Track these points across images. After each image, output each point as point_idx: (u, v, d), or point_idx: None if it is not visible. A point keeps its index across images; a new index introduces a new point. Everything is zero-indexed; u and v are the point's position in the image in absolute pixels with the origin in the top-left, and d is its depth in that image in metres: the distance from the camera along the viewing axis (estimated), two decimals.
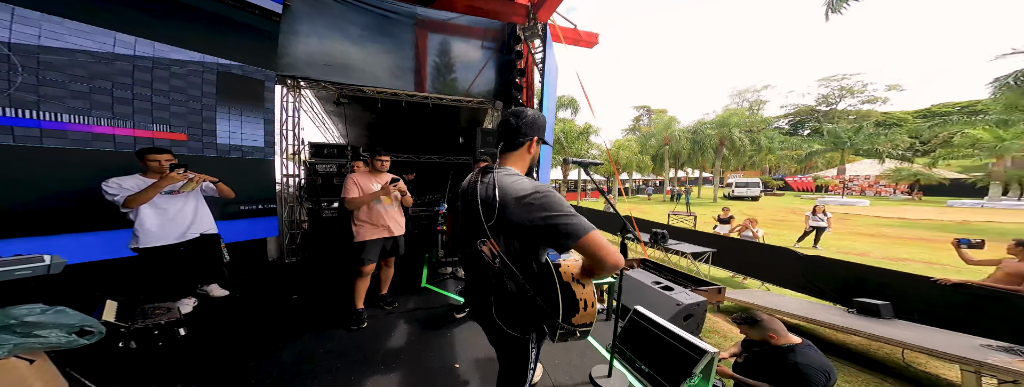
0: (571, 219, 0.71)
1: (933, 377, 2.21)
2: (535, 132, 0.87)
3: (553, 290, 0.77)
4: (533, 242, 0.79)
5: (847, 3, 4.25)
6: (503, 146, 0.88)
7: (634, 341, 1.59)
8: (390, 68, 3.50)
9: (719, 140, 16.51)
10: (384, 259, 2.16)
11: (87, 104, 2.08)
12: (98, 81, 2.11)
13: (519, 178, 0.82)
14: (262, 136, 3.07)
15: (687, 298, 2.01)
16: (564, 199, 0.77)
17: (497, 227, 0.78)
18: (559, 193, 0.80)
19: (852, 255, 5.45)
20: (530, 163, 0.91)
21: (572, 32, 3.82)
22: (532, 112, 0.88)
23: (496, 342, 0.95)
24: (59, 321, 1.11)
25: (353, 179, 1.94)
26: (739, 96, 30.66)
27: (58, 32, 1.95)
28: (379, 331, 1.99)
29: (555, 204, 0.74)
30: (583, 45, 3.98)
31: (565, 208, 0.73)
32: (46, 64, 1.92)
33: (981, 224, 9.06)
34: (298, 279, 2.98)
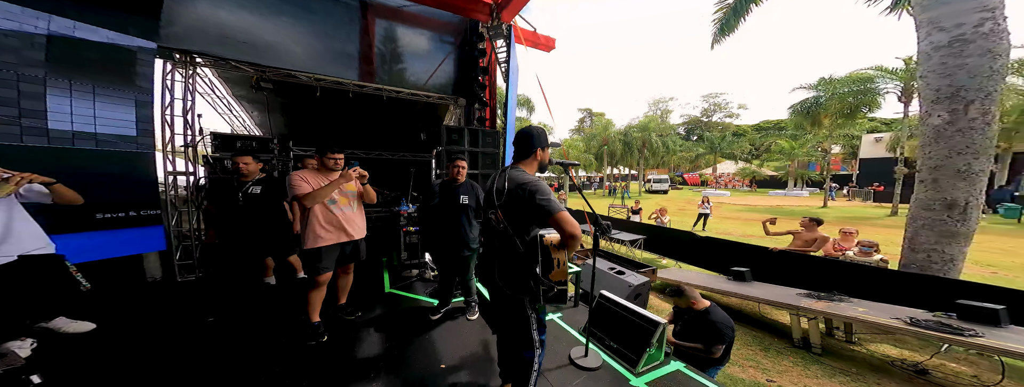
0: (549, 201, 1.05)
1: (779, 323, 3.01)
2: (540, 143, 1.21)
3: (535, 252, 1.09)
4: (525, 216, 1.09)
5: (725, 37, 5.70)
6: (519, 154, 1.20)
7: (603, 322, 1.86)
8: (330, 53, 3.06)
9: (642, 142, 20.03)
10: (342, 266, 1.94)
11: None
12: None
13: (524, 174, 1.15)
14: (134, 123, 2.31)
15: (636, 280, 2.48)
16: (549, 188, 1.10)
17: (505, 204, 1.11)
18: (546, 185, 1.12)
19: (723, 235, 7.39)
20: (539, 166, 1.24)
21: (532, 34, 3.97)
22: (538, 128, 1.23)
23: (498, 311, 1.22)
24: None
25: (300, 177, 1.69)
26: (654, 105, 37.23)
27: None
28: (346, 342, 1.80)
29: (541, 190, 1.07)
30: (542, 48, 4.16)
31: (548, 194, 1.07)
32: None
33: (790, 207, 13.54)
34: (205, 299, 2.38)
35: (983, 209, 3.39)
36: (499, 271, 1.16)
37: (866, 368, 2.33)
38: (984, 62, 2.65)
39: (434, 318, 2.09)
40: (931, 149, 2.90)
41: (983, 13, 2.61)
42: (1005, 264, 4.98)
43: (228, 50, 2.66)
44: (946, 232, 2.78)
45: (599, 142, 20.65)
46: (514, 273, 1.12)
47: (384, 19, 3.30)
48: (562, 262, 1.09)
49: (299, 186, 1.66)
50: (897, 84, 10.55)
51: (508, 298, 1.16)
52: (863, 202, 15.07)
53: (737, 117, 34.56)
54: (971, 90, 2.68)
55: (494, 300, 1.26)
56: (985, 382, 2.06)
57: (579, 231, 1.01)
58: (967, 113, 2.71)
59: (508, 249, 1.11)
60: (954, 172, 2.75)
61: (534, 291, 1.09)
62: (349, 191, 1.87)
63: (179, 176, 2.88)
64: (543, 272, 1.07)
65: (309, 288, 1.79)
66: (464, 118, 3.71)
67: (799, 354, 2.54)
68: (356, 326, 2.01)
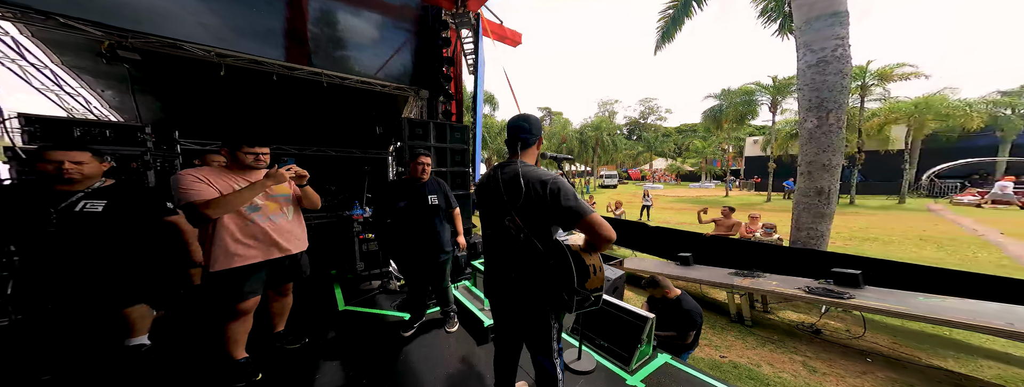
0: (578, 202, 0.93)
1: (718, 301, 3.43)
2: (539, 132, 1.08)
3: (566, 260, 0.93)
4: (547, 220, 0.96)
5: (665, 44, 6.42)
6: (521, 145, 1.05)
7: (592, 321, 1.84)
8: (240, 24, 2.35)
9: (595, 141, 21.87)
10: (276, 287, 1.52)
11: None
12: None
13: (535, 168, 1.02)
14: None
15: (612, 273, 2.53)
16: (572, 187, 0.97)
17: (523, 207, 0.96)
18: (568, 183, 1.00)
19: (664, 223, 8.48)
20: (536, 157, 1.10)
21: (499, 28, 3.78)
22: (534, 117, 1.09)
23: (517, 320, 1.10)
24: None
25: (194, 175, 1.21)
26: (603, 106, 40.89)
27: None
28: (290, 378, 1.44)
29: (565, 189, 0.94)
30: (508, 43, 4.02)
31: (574, 193, 0.94)
32: None
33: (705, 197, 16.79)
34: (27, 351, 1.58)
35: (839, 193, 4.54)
36: (520, 284, 1.01)
37: (783, 334, 2.88)
38: (838, 79, 3.53)
39: (407, 334, 1.81)
40: (806, 148, 3.74)
41: (837, 40, 3.45)
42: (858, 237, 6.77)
43: (64, 5, 1.78)
44: (818, 213, 3.64)
45: (559, 140, 21.86)
46: (540, 285, 0.98)
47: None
48: (598, 268, 0.95)
49: (196, 189, 1.19)
50: (768, 97, 13.66)
51: (528, 311, 1.03)
52: (748, 191, 19.62)
53: (665, 119, 40.19)
54: (830, 101, 3.54)
55: (504, 313, 1.13)
56: (854, 334, 2.70)
57: (614, 234, 0.89)
58: (829, 119, 3.55)
59: (530, 258, 0.96)
60: (821, 166, 3.61)
61: (567, 302, 0.95)
62: (280, 195, 1.44)
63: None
64: (578, 281, 0.92)
65: (227, 319, 1.33)
66: (427, 111, 3.31)
67: (736, 328, 3.00)
68: (302, 356, 1.61)
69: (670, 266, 3.86)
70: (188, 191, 1.18)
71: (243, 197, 1.24)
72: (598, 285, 0.96)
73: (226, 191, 1.24)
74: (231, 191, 1.24)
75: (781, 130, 14.24)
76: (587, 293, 0.94)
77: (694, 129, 31.81)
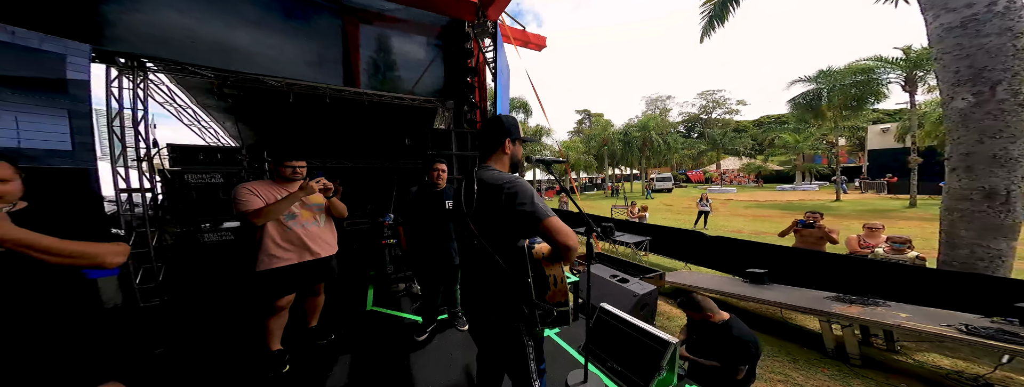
0: (534, 205, 0.85)
1: (807, 328, 2.77)
2: (506, 133, 0.98)
3: (524, 268, 0.88)
4: (505, 226, 0.90)
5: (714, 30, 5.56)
6: (486, 148, 1.00)
7: (604, 340, 1.64)
8: (305, 58, 2.88)
9: (643, 141, 20.06)
10: (309, 286, 1.74)
11: None
12: None
13: (496, 172, 0.94)
14: (68, 135, 2.08)
15: (641, 288, 2.25)
16: (532, 189, 0.89)
17: (476, 213, 0.91)
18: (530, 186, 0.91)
19: (733, 232, 7.21)
20: (511, 161, 1.02)
21: (521, 33, 3.88)
22: (502, 116, 1.03)
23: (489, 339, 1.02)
24: None
25: (249, 189, 1.47)
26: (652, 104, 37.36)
27: None
28: (312, 372, 1.61)
29: (522, 193, 0.86)
30: (532, 47, 4.08)
31: (530, 196, 0.86)
32: None
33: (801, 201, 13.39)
34: (162, 327, 2.16)
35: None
36: (483, 295, 0.96)
37: (918, 382, 2.10)
38: (1004, 41, 2.50)
39: (420, 338, 1.88)
40: (959, 134, 2.73)
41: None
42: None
43: (179, 53, 2.44)
44: (988, 225, 2.58)
45: (599, 143, 20.77)
46: (501, 297, 0.92)
47: (365, 23, 3.14)
48: (560, 279, 0.89)
49: (247, 200, 1.43)
50: (900, 73, 10.48)
51: (497, 326, 0.96)
52: (877, 194, 14.96)
53: (737, 113, 34.82)
54: (995, 70, 2.53)
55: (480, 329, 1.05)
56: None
57: (574, 240, 0.84)
58: (995, 94, 2.54)
59: (489, 268, 0.91)
60: (989, 158, 2.57)
61: (529, 317, 0.89)
62: (314, 204, 1.66)
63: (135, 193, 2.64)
64: (537, 293, 0.88)
65: (266, 315, 1.56)
66: (453, 121, 3.53)
67: (834, 366, 2.31)
68: (327, 352, 1.79)
69: (735, 283, 3.20)
70: (242, 202, 1.42)
71: (281, 207, 1.46)
72: (561, 299, 0.89)
73: (270, 201, 1.48)
74: (273, 201, 1.47)
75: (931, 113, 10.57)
76: (549, 306, 0.88)
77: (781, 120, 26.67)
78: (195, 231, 2.71)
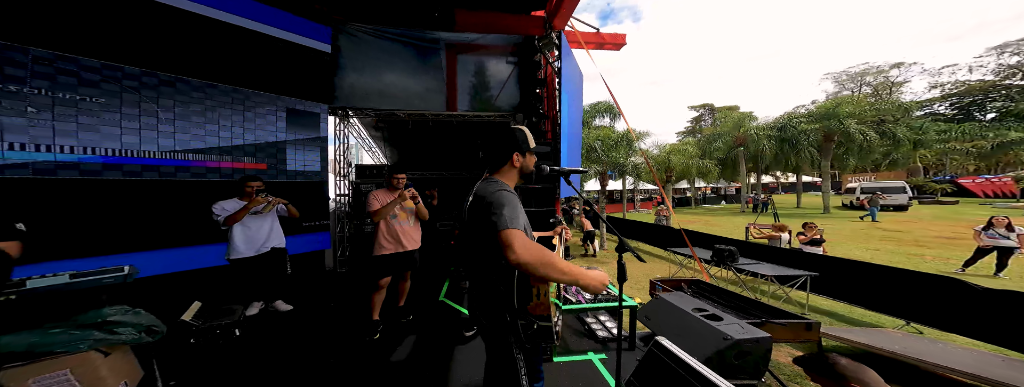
0: (499, 216, 0.85)
1: None
2: (514, 147, 1.01)
3: (510, 278, 0.89)
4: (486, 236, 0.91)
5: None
6: (491, 162, 1.04)
7: (653, 380, 1.31)
8: (420, 91, 4.02)
9: (824, 136, 13.35)
10: (400, 273, 2.36)
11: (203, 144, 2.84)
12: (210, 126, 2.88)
13: (493, 184, 0.97)
14: (318, 161, 3.73)
15: (741, 332, 1.58)
16: (511, 201, 0.90)
17: (469, 224, 0.97)
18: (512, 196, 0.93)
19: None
20: (521, 174, 1.05)
21: (594, 36, 3.83)
22: (512, 129, 1.05)
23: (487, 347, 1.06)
24: (135, 321, 1.44)
25: (374, 195, 2.23)
26: (853, 80, 24.78)
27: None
28: (388, 344, 2.15)
29: (495, 203, 0.88)
30: (609, 48, 3.95)
31: (501, 207, 0.87)
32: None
33: None
34: (341, 288, 3.42)
35: None
36: (478, 305, 1.02)
37: None
38: None
39: (468, 334, 2.17)
40: None
41: None
42: None
43: (365, 101, 3.95)
44: None
45: (729, 143, 15.56)
46: (488, 305, 0.96)
47: (461, 54, 4.04)
48: (544, 293, 0.88)
49: (370, 204, 2.19)
50: None
51: (488, 337, 1.02)
52: None
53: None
54: None
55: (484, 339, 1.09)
56: None
57: (530, 257, 0.80)
58: None
59: (479, 276, 0.99)
60: None
61: (512, 326, 0.91)
62: (408, 208, 2.28)
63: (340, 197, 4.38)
64: (519, 303, 0.88)
65: (372, 290, 2.25)
66: None
67: None
68: (405, 329, 2.34)
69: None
70: (367, 205, 2.17)
71: (388, 210, 2.14)
72: (543, 312, 0.87)
73: (385, 204, 2.18)
74: (383, 205, 2.13)
75: None
76: (530, 318, 0.88)
77: None
78: (360, 224, 4.17)
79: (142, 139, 2.49)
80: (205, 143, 2.85)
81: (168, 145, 2.64)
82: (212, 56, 2.85)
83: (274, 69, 3.28)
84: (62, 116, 2.15)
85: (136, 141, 2.46)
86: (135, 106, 2.45)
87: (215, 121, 2.91)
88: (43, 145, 2.09)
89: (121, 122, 2.38)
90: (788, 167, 15.53)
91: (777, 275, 3.39)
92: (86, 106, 2.23)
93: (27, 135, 2.03)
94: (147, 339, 1.44)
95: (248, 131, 3.15)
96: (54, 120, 2.12)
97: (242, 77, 3.06)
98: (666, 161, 11.56)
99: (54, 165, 2.12)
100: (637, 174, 8.28)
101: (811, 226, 4.52)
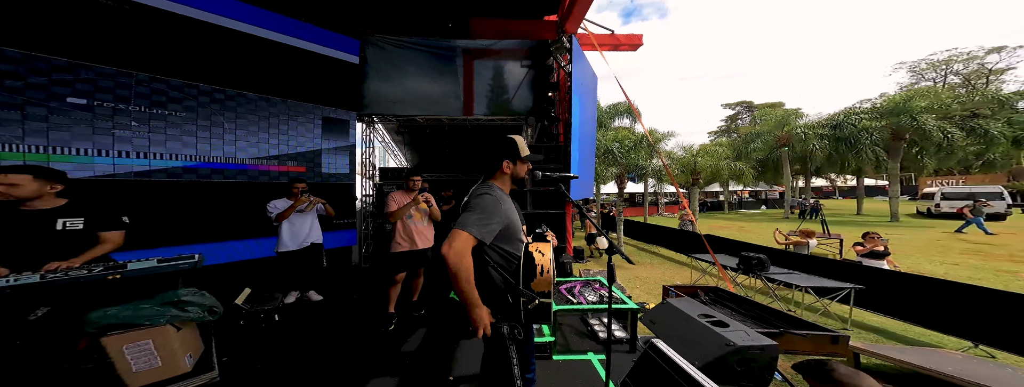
0: (465, 216, 1.00)
1: None
2: (504, 155, 1.14)
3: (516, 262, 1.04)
4: None
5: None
6: (485, 169, 1.19)
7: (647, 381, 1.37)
8: (438, 97, 4.31)
9: (892, 133, 11.69)
10: (414, 270, 2.59)
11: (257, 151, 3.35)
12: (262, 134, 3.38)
13: (480, 188, 1.11)
14: (347, 164, 4.16)
15: (745, 339, 1.55)
16: (488, 204, 1.02)
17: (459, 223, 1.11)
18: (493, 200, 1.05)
19: None
20: (513, 181, 1.18)
21: (610, 37, 3.84)
22: (508, 138, 1.18)
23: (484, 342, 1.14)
24: (201, 301, 1.72)
25: (392, 196, 2.49)
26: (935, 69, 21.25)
27: None
28: (401, 336, 2.38)
29: (474, 203, 1.03)
30: (625, 49, 3.94)
31: (474, 209, 1.01)
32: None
33: None
34: (364, 281, 3.77)
35: None
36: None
37: None
38: None
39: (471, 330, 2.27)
40: None
41: None
42: None
43: (388, 108, 4.34)
44: None
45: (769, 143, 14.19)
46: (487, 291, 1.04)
47: (478, 59, 4.24)
48: (547, 269, 0.99)
49: (388, 204, 2.45)
50: None
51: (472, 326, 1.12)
52: None
53: None
54: None
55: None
56: None
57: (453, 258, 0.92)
58: None
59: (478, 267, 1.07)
60: None
61: (512, 308, 1.01)
62: (422, 209, 2.52)
63: (366, 197, 4.82)
64: (524, 280, 1.00)
65: (389, 285, 2.52)
66: (538, 135, 3.90)
67: None
68: (417, 322, 2.57)
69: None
70: (386, 205, 2.44)
71: (403, 211, 2.40)
72: (544, 288, 1.00)
73: (402, 205, 2.43)
74: (399, 207, 2.38)
75: None
76: (532, 294, 1.00)
77: None
78: (382, 222, 4.54)
79: (211, 147, 3.02)
80: (258, 150, 3.36)
81: (231, 152, 3.16)
82: (265, 72, 3.35)
83: (313, 81, 3.74)
84: (156, 129, 2.70)
85: (207, 148, 2.99)
86: (207, 118, 2.98)
87: (266, 129, 3.41)
88: (142, 153, 2.64)
89: (197, 132, 2.92)
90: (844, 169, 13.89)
91: (814, 286, 3.15)
92: (173, 119, 2.78)
93: (131, 145, 2.59)
94: (209, 318, 1.73)
95: (292, 138, 3.64)
96: (149, 132, 2.67)
97: (287, 90, 3.54)
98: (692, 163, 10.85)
99: (148, 169, 2.67)
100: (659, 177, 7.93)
101: (872, 236, 3.98)
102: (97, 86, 2.42)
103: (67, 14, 2.30)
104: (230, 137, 3.14)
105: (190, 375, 1.68)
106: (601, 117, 10.44)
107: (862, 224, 11.08)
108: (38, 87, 2.22)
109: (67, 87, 2.31)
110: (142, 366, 1.57)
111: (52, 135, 2.27)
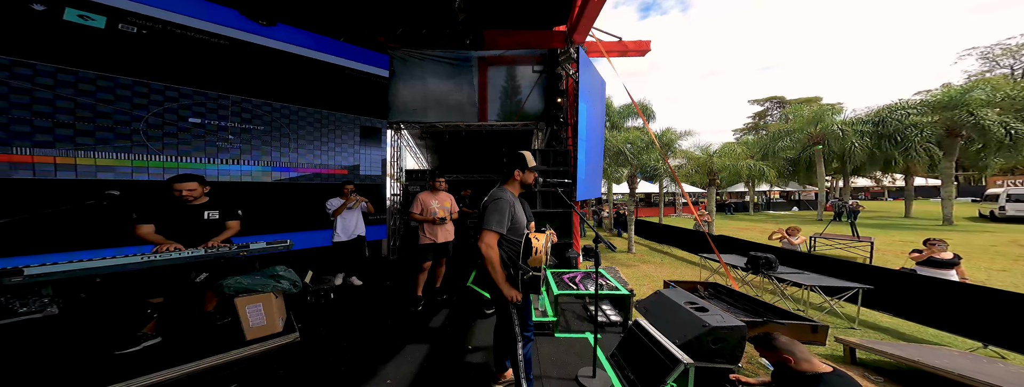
0: (486, 216, 1.44)
1: None
2: (516, 165, 1.57)
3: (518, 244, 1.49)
4: None
5: None
6: (502, 175, 1.63)
7: (630, 351, 1.86)
8: (456, 105, 4.91)
9: (946, 130, 10.95)
10: (437, 260, 3.13)
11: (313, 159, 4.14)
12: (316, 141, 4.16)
13: (497, 191, 1.55)
14: (379, 166, 4.89)
15: (719, 321, 1.99)
16: (502, 207, 1.46)
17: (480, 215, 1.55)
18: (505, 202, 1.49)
19: None
20: (522, 185, 1.61)
21: (617, 44, 4.21)
22: (519, 153, 1.61)
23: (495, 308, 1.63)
24: (290, 277, 2.33)
25: (419, 198, 3.04)
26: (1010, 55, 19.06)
27: None
28: (427, 315, 2.88)
29: (490, 207, 1.47)
30: (633, 54, 4.29)
31: (490, 212, 1.44)
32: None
33: None
34: (394, 270, 4.48)
35: None
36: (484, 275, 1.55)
37: None
38: None
39: (488, 312, 2.81)
40: None
41: None
42: None
43: (412, 116, 5.01)
44: None
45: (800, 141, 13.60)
46: None
47: (491, 65, 4.84)
48: (539, 250, 1.44)
49: (413, 205, 3.01)
50: None
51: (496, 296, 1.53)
52: None
53: None
54: None
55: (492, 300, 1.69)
56: None
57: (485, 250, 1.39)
58: None
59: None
60: None
61: (513, 277, 1.47)
62: (446, 207, 3.07)
63: (394, 196, 5.56)
64: (523, 257, 1.44)
65: (417, 272, 3.08)
66: (548, 139, 4.41)
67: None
68: (440, 305, 3.11)
69: None
70: (413, 206, 3.02)
71: (423, 220, 2.95)
72: (536, 264, 1.44)
73: (427, 207, 2.96)
74: (429, 209, 2.92)
75: None
76: (527, 268, 1.45)
77: None
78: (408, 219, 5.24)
79: (281, 154, 3.82)
80: (313, 156, 4.14)
81: (294, 158, 3.96)
82: (315, 89, 4.11)
83: (353, 94, 4.48)
84: (245, 141, 3.53)
85: (278, 156, 3.81)
86: (278, 130, 3.78)
87: (319, 138, 4.19)
88: (239, 160, 3.48)
89: (271, 142, 3.72)
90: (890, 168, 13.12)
91: (822, 286, 3.38)
92: (256, 132, 3.60)
93: (231, 155, 3.43)
94: (293, 291, 2.31)
95: (337, 144, 4.40)
96: (241, 144, 3.49)
97: (334, 103, 4.30)
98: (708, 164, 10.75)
99: (239, 173, 3.51)
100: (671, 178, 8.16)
101: (934, 242, 3.53)
102: (207, 108, 3.29)
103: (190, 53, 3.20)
104: (294, 145, 3.94)
105: (281, 334, 2.19)
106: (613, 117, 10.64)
107: (907, 228, 10.56)
108: (172, 111, 3.09)
109: (187, 111, 3.17)
110: (256, 322, 2.14)
111: (181, 149, 3.15)
